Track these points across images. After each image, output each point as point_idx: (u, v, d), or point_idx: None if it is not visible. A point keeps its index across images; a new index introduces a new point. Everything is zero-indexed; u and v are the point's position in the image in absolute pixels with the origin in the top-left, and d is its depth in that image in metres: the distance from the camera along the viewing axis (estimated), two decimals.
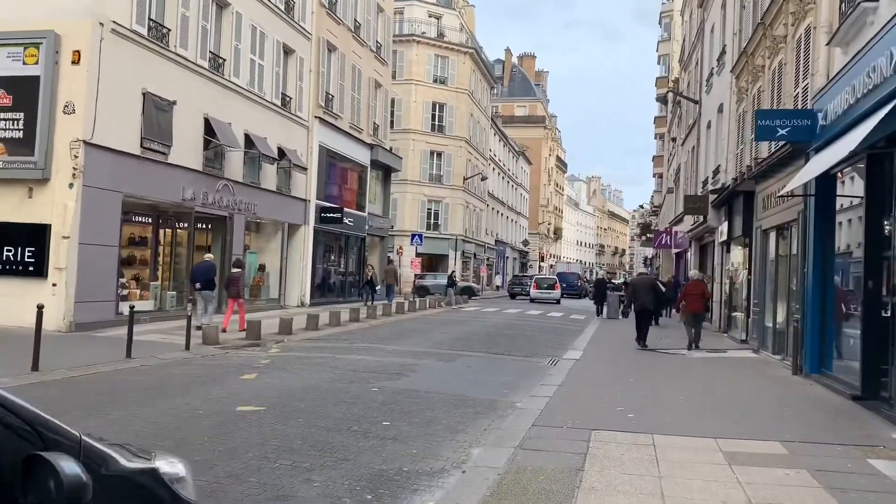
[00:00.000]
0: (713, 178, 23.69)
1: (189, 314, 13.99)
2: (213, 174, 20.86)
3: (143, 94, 17.52)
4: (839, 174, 10.94)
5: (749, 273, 17.54)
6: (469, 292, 42.38)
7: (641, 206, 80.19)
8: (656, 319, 20.37)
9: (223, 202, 21.15)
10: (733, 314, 19.56)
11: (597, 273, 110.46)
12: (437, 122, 49.33)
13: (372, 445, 6.70)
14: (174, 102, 18.70)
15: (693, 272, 19.49)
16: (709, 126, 26.35)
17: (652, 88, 67.88)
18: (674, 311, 25.48)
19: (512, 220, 72.29)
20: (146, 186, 17.82)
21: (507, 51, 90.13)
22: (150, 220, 20.02)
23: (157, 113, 18.18)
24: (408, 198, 48.01)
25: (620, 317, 27.40)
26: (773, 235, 14.58)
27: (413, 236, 33.23)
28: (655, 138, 65.46)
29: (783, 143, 12.70)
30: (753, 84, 17.81)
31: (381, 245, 34.73)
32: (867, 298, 9.04)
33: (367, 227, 31.71)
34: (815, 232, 11.12)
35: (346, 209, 29.05)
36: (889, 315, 8.46)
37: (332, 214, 27.13)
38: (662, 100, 44.63)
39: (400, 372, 11.53)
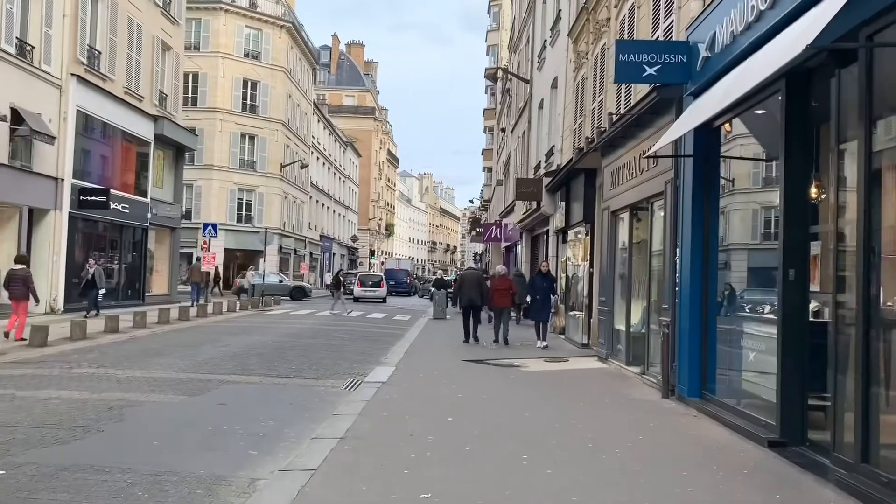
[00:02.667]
0: (546, 161, 21.17)
1: None
2: None
3: None
4: (724, 127, 8.12)
5: (591, 265, 14.87)
6: (301, 293, 38.06)
7: (471, 202, 78.66)
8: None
9: None
10: (571, 313, 16.91)
11: (430, 271, 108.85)
12: (249, 102, 44.12)
13: None
14: None
15: (499, 267, 18.49)
16: (541, 106, 23.94)
17: (482, 90, 66.32)
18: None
19: (340, 215, 68.09)
20: None
21: (335, 37, 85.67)
22: None
23: None
24: (214, 185, 42.49)
25: (448, 316, 24.39)
26: (625, 218, 11.81)
27: (205, 227, 28.21)
28: (485, 132, 64.03)
29: (645, 96, 9.82)
30: (596, 43, 15.15)
31: (173, 238, 29.37)
32: (787, 296, 6.12)
33: (149, 216, 26.32)
34: (694, 206, 8.25)
35: (118, 192, 23.67)
36: (828, 319, 5.56)
37: (95, 198, 21.72)
38: (492, 78, 42.39)
39: (95, 421, 7.27)
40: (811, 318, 6.13)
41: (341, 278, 28.57)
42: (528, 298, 15.48)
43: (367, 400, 8.50)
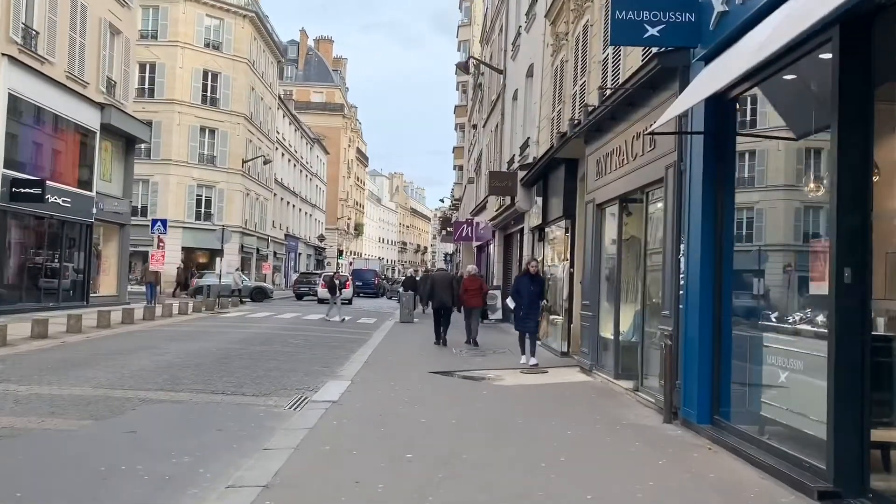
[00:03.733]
0: (521, 154, 19.83)
1: None
2: None
3: None
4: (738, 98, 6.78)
5: (571, 265, 13.51)
6: (262, 294, 36.30)
7: (442, 201, 77.20)
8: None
9: None
10: (549, 318, 15.53)
11: (400, 271, 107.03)
12: (209, 94, 42.16)
13: None
14: None
15: (470, 267, 18.03)
16: (515, 97, 22.62)
17: (454, 89, 64.78)
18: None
19: (306, 213, 66.21)
20: None
21: (303, 32, 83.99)
22: None
23: None
24: (172, 181, 40.47)
25: (416, 319, 22.93)
26: (613, 211, 10.45)
27: (154, 222, 26.37)
28: (456, 130, 62.76)
29: (643, 65, 8.46)
30: (577, 22, 13.81)
31: (122, 235, 27.41)
32: (843, 302, 4.76)
33: (95, 211, 24.41)
34: (704, 195, 6.88)
35: (57, 185, 21.80)
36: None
37: (28, 190, 19.80)
38: (463, 69, 40.85)
39: None
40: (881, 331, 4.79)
41: (336, 281, 24.39)
42: (511, 304, 12.88)
43: (310, 427, 6.99)
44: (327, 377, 10.77)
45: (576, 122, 11.27)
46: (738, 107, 6.81)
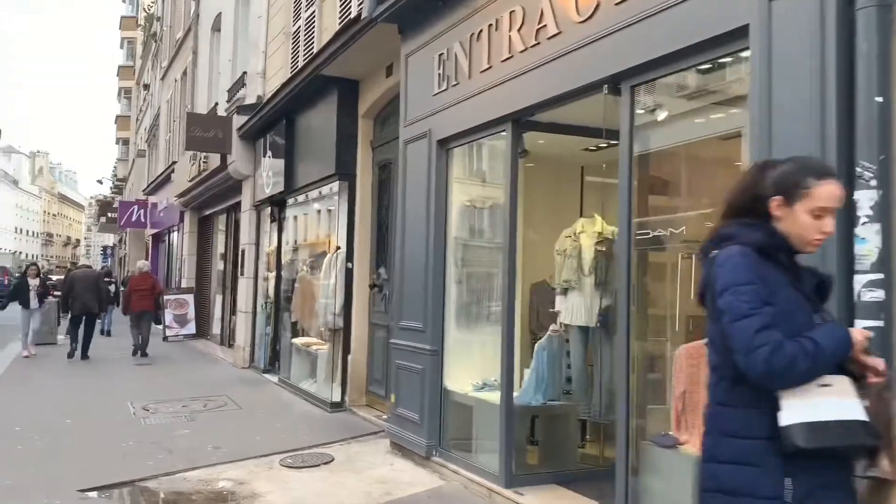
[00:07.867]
0: (231, 98, 13.78)
1: None
2: None
3: None
4: None
5: (350, 258, 8.19)
6: None
7: (100, 182, 63.86)
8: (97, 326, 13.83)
9: None
10: (297, 341, 9.90)
11: (45, 268, 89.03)
12: None
13: None
14: None
15: (141, 263, 15.13)
16: (216, 27, 16.40)
17: (118, 52, 53.48)
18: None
19: None
20: None
21: None
22: None
23: None
24: None
25: (60, 339, 15.10)
26: (482, 149, 5.38)
27: None
28: (120, 97, 52.16)
29: None
30: None
31: None
32: None
33: None
34: None
35: None
36: None
37: None
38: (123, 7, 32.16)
39: None
40: None
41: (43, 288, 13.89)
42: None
43: None
44: None
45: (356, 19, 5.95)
46: None
